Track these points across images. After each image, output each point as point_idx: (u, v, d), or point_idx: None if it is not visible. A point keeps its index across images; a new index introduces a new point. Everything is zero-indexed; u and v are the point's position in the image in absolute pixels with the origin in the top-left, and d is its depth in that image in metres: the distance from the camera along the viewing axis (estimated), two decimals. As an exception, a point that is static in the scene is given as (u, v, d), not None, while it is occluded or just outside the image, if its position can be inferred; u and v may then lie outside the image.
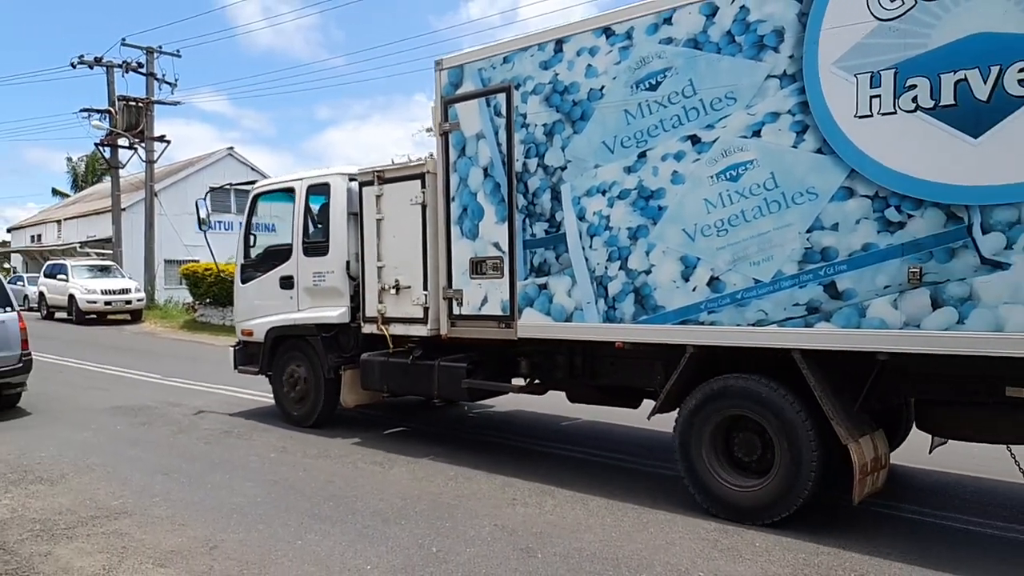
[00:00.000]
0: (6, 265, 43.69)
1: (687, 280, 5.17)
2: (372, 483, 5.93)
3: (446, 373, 6.68)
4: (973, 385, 4.59)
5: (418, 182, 6.85)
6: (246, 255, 8.61)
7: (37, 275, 26.58)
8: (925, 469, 6.16)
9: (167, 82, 24.88)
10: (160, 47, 24.61)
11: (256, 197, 8.58)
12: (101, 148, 25.49)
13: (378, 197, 7.16)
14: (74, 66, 24.32)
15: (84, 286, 22.12)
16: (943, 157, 4.21)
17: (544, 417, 8.52)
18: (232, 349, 8.80)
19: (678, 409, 5.35)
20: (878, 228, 4.42)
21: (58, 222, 39.07)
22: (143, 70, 24.54)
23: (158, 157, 25.26)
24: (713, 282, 5.06)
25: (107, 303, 22.05)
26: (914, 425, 5.31)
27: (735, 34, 4.94)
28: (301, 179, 8.07)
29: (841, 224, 4.54)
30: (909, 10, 4.30)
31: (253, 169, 33.28)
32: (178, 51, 25.10)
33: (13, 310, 8.90)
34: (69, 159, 54.18)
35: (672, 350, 5.36)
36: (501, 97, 6.17)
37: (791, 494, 4.77)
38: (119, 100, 24.18)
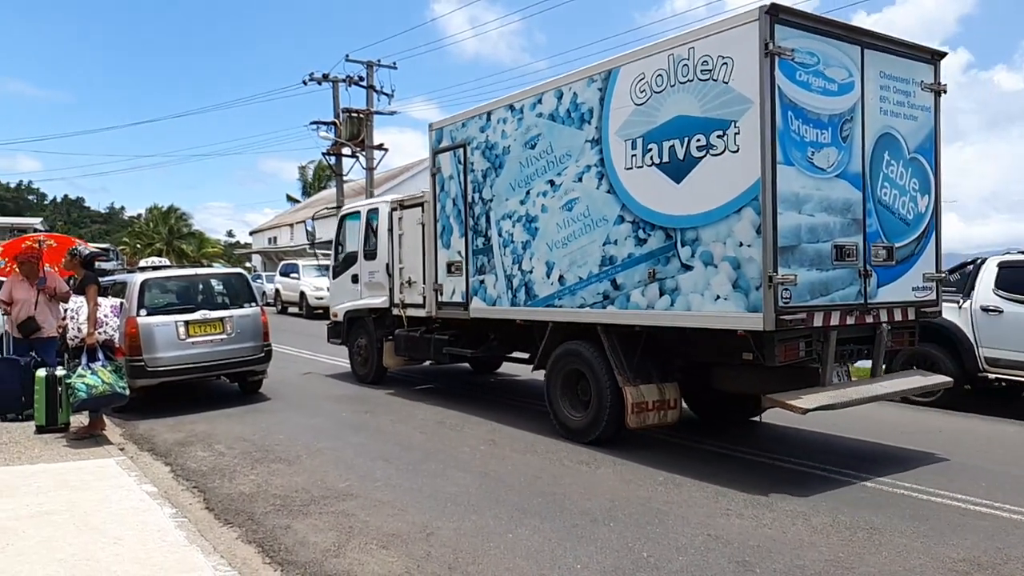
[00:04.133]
0: (248, 264, 48.78)
1: (549, 277, 7.63)
2: (579, 482, 5.97)
3: (436, 343, 9.55)
4: (722, 352, 6.62)
5: (420, 208, 9.78)
6: (335, 259, 12.02)
7: (273, 273, 29.45)
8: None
9: (385, 93, 26.01)
10: (379, 61, 26.03)
11: (341, 217, 11.97)
12: (327, 157, 27.34)
13: (400, 219, 10.20)
14: (305, 83, 26.29)
15: (313, 284, 23.80)
16: (664, 196, 6.39)
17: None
18: (327, 327, 12.27)
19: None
20: (635, 243, 6.66)
21: (290, 226, 43.58)
22: (363, 83, 25.95)
23: (377, 164, 26.47)
24: (561, 279, 7.48)
25: None
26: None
27: (571, 111, 7.33)
28: (364, 205, 11.34)
29: (618, 241, 6.82)
30: (648, 99, 6.51)
31: (462, 174, 35.25)
32: (394, 63, 26.25)
33: (257, 305, 9.90)
34: (301, 168, 59.28)
35: (544, 325, 7.83)
36: (461, 151, 8.91)
37: (598, 421, 7.08)
38: (343, 112, 25.65)
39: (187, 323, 9.04)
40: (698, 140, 6.10)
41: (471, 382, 11.30)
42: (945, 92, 6.91)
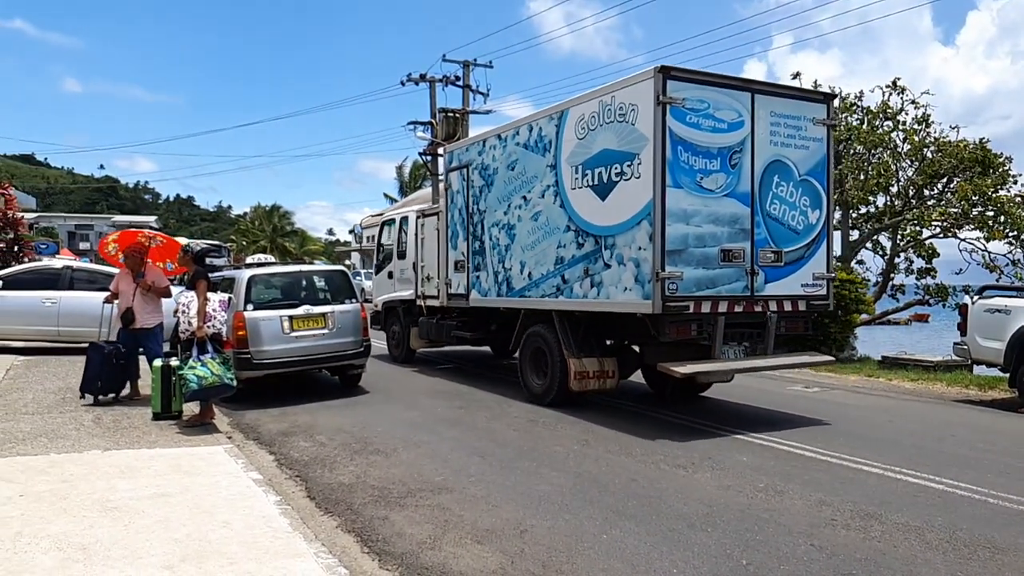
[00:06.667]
0: (347, 262, 48.59)
1: (522, 273, 9.54)
2: (675, 486, 5.83)
3: (446, 328, 11.61)
4: (643, 333, 8.34)
5: (437, 216, 11.85)
6: (377, 258, 14.28)
7: (371, 271, 31.25)
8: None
9: (480, 92, 25.83)
10: (475, 60, 26.04)
11: (382, 224, 14.22)
12: (423, 157, 26.78)
13: (422, 225, 12.33)
14: (403, 84, 26.29)
15: None
16: (594, 211, 8.20)
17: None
18: (370, 315, 14.51)
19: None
20: (576, 247, 8.49)
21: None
22: (459, 83, 25.84)
23: (472, 164, 27.08)
24: (530, 275, 9.38)
25: None
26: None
27: (538, 141, 9.23)
28: (399, 212, 13.54)
29: (566, 245, 8.66)
30: (586, 135, 8.35)
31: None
32: (490, 62, 26.11)
33: (356, 301, 10.13)
34: (398, 168, 59.25)
35: (518, 312, 9.74)
36: (465, 170, 10.93)
37: (551, 387, 8.94)
38: (439, 112, 25.40)
39: (291, 318, 9.37)
40: (616, 168, 7.90)
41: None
42: (837, 127, 8.43)
